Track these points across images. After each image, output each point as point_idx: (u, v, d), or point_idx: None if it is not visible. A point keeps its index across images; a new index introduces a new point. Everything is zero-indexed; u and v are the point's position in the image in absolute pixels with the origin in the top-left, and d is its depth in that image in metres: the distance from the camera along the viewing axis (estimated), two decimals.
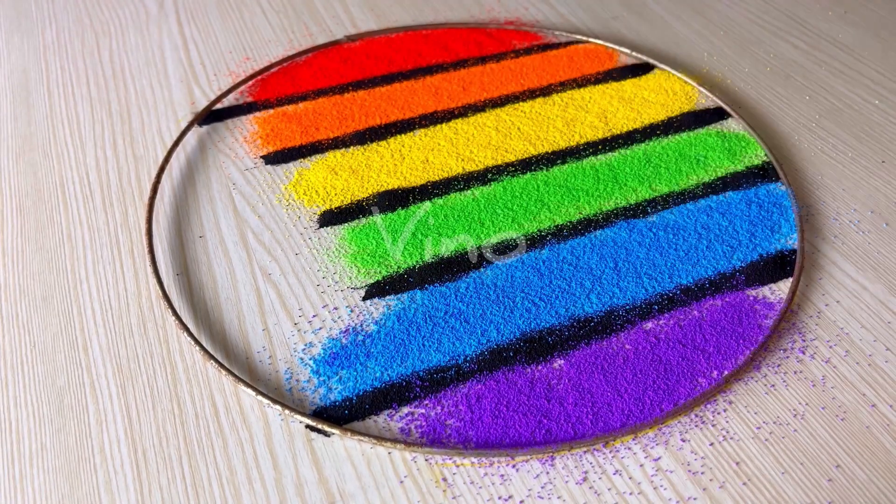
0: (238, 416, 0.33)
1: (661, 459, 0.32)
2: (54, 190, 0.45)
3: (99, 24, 0.59)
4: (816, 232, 0.40)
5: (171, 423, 0.33)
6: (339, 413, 0.33)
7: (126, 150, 0.47)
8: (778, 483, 0.31)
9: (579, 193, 0.43)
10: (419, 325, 0.37)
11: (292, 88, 0.52)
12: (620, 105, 0.49)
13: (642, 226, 0.41)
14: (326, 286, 0.39)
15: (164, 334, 0.37)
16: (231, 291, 0.39)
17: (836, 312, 0.37)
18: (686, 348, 0.35)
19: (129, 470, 0.32)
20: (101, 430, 0.33)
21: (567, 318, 0.37)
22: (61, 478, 0.32)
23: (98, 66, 0.54)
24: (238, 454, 0.32)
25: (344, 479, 0.31)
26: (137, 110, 0.50)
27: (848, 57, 0.53)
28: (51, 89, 0.52)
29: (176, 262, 0.40)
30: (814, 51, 0.54)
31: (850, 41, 0.55)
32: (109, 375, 0.35)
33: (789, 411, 0.33)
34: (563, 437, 0.32)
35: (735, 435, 0.32)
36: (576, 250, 0.40)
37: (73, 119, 0.50)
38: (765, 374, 0.34)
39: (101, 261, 0.41)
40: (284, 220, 0.42)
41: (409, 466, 0.32)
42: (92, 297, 0.39)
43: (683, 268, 0.39)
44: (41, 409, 0.34)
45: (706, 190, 0.43)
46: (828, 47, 0.54)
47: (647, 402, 0.33)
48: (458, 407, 0.33)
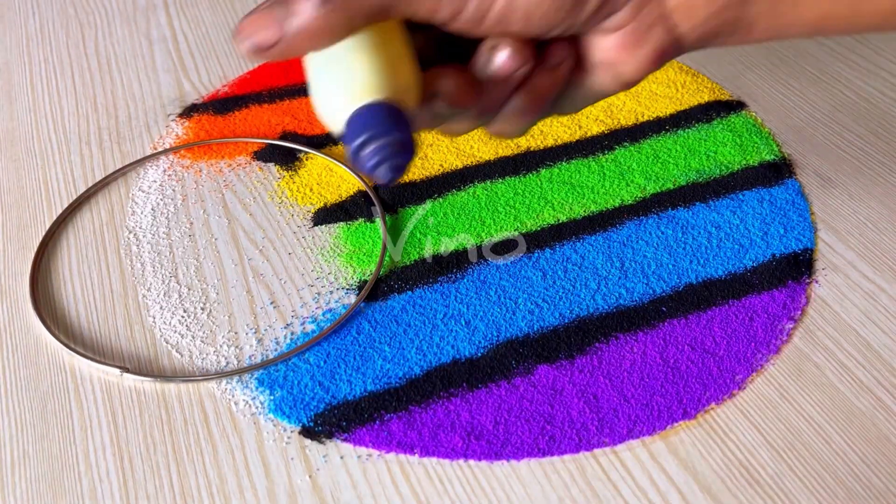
0: (228, 422, 0.33)
1: (669, 468, 0.31)
2: (38, 187, 0.44)
3: (84, 15, 0.58)
4: (831, 231, 0.40)
5: (159, 429, 0.33)
6: (334, 418, 0.33)
7: (112, 145, 0.47)
8: (792, 492, 0.30)
9: (584, 190, 0.42)
10: (418, 328, 0.36)
11: (285, 81, 0.51)
12: (627, 98, 0.48)
13: (650, 224, 0.40)
14: (321, 287, 0.38)
15: (151, 336, 0.36)
16: (222, 292, 0.38)
17: (852, 314, 0.36)
18: (695, 352, 0.34)
19: (114, 478, 0.31)
20: (85, 436, 0.33)
21: (571, 320, 0.36)
22: (44, 486, 0.31)
23: (83, 58, 0.54)
24: (228, 462, 0.32)
25: (339, 487, 0.31)
26: (124, 104, 0.50)
27: (865, 48, 0.52)
28: (34, 82, 0.52)
29: (164, 262, 0.40)
30: (828, 41, 0.53)
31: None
32: (94, 380, 0.35)
33: (803, 418, 0.32)
34: (568, 444, 0.31)
35: (747, 442, 0.32)
36: (580, 249, 0.39)
37: (58, 113, 0.49)
38: (778, 378, 0.34)
39: (85, 260, 0.40)
40: (277, 218, 0.42)
41: (406, 473, 0.31)
42: (77, 299, 0.38)
43: (693, 268, 0.38)
44: (23, 415, 0.33)
45: (716, 187, 0.42)
46: (843, 38, 0.53)
47: (654, 407, 0.32)
48: (457, 412, 0.33)
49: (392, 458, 0.32)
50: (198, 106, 0.49)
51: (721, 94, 0.48)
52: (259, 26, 0.26)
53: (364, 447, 0.32)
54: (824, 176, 0.43)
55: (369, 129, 0.29)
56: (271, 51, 0.26)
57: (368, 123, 0.28)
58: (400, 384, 0.34)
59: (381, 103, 0.29)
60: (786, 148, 0.45)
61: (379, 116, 0.29)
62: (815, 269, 0.38)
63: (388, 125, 0.29)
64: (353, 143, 0.29)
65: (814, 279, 0.37)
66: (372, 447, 0.32)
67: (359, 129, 0.29)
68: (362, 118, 0.29)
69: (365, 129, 0.29)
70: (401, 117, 0.29)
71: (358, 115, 0.29)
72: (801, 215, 0.40)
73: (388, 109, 0.29)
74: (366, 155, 0.29)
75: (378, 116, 0.29)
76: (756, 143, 0.45)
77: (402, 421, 0.33)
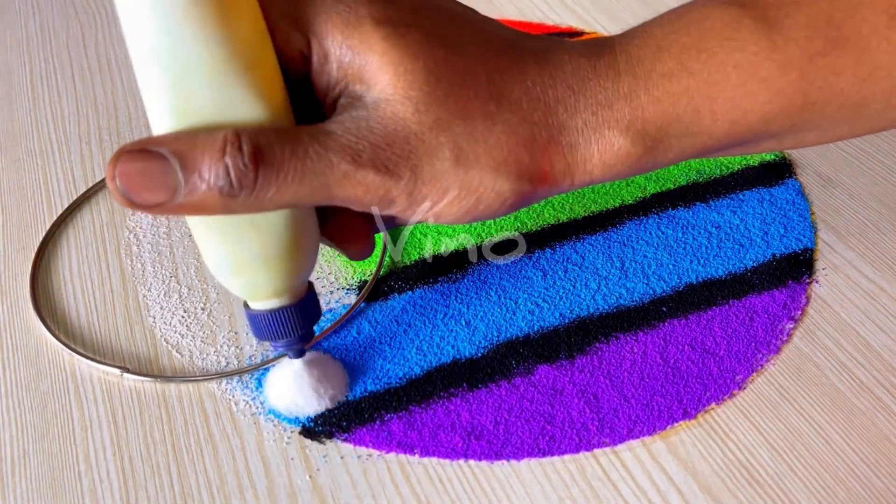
0: (229, 422, 0.33)
1: (669, 468, 0.31)
2: (38, 187, 0.44)
3: (85, 15, 0.58)
4: (831, 231, 0.40)
5: (160, 429, 0.33)
6: (334, 418, 0.33)
7: (112, 145, 0.47)
8: (792, 492, 0.30)
9: (584, 190, 0.42)
10: (418, 328, 0.36)
11: None
12: None
13: (650, 224, 0.40)
14: (321, 287, 0.38)
15: (151, 337, 0.36)
16: (222, 292, 0.38)
17: (852, 314, 0.36)
18: (696, 352, 0.34)
19: (115, 478, 0.31)
20: (86, 436, 0.33)
21: (572, 320, 0.36)
22: (45, 486, 0.31)
23: (84, 58, 0.54)
24: (229, 462, 0.31)
25: (339, 487, 0.31)
26: (124, 104, 0.50)
27: None
28: (34, 83, 0.52)
29: (164, 262, 0.40)
30: None
31: None
32: (95, 380, 0.34)
33: (803, 418, 0.32)
34: (568, 444, 0.31)
35: (747, 442, 0.31)
36: (580, 249, 0.39)
37: (58, 113, 0.49)
38: (778, 378, 0.34)
39: (85, 260, 0.40)
40: None
41: (406, 473, 0.31)
42: (77, 299, 0.38)
43: (693, 268, 0.38)
44: (23, 415, 0.33)
45: (717, 187, 0.42)
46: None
47: (655, 407, 0.32)
48: (458, 412, 0.33)
49: (392, 458, 0.31)
50: None
51: None
52: (144, 185, 0.23)
53: (364, 447, 0.32)
54: (824, 176, 0.43)
55: (272, 331, 0.28)
56: (148, 209, 0.23)
57: (270, 326, 0.28)
58: (400, 384, 0.34)
59: (285, 307, 0.28)
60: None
61: (283, 319, 0.28)
62: (815, 269, 0.38)
63: (292, 327, 0.28)
64: (256, 334, 0.29)
65: (814, 279, 0.37)
66: (372, 447, 0.32)
67: (261, 328, 0.28)
68: (264, 319, 0.28)
69: (268, 331, 0.28)
70: (305, 309, 0.28)
71: (258, 316, 0.28)
72: (801, 215, 0.40)
73: (292, 311, 0.28)
74: (270, 345, 0.30)
75: (282, 320, 0.28)
76: None
77: (402, 421, 0.32)
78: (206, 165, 0.22)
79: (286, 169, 0.23)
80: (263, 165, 0.23)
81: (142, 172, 0.23)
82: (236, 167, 0.22)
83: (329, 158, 0.23)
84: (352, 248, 0.30)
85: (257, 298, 0.28)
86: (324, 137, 0.24)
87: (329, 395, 0.32)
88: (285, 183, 0.23)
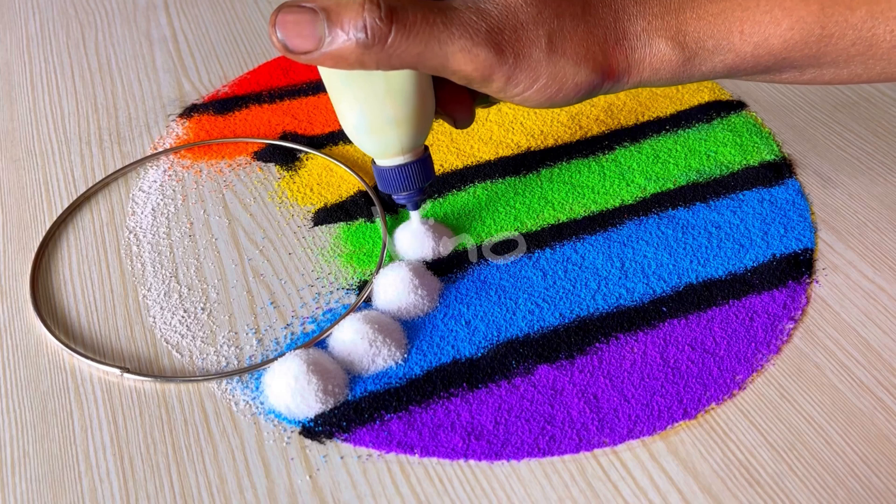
0: (228, 422, 0.33)
1: (669, 468, 0.31)
2: (38, 187, 0.44)
3: (84, 15, 0.58)
4: (831, 231, 0.40)
5: (159, 429, 0.33)
6: (334, 418, 0.33)
7: (112, 145, 0.47)
8: (792, 492, 0.30)
9: (584, 190, 0.42)
10: (418, 328, 0.36)
11: (286, 81, 0.51)
12: (627, 98, 0.48)
13: (650, 224, 0.40)
14: (321, 287, 0.38)
15: (151, 337, 0.36)
16: (222, 293, 0.38)
17: (852, 314, 0.36)
18: (696, 352, 0.34)
19: (115, 478, 0.31)
20: (85, 436, 0.32)
21: (572, 320, 0.36)
22: (45, 486, 0.31)
23: (83, 58, 0.54)
24: (229, 462, 0.31)
25: (339, 487, 0.31)
26: (124, 104, 0.50)
27: None
28: (34, 83, 0.52)
29: (165, 262, 0.40)
30: None
31: None
32: (95, 380, 0.34)
33: (803, 418, 0.32)
34: (568, 444, 0.31)
35: (747, 442, 0.31)
36: (580, 249, 0.39)
37: (58, 113, 0.49)
38: (778, 378, 0.33)
39: (85, 261, 0.40)
40: (277, 218, 0.42)
41: (406, 473, 0.31)
42: (77, 299, 0.38)
43: (693, 268, 0.38)
44: (23, 415, 0.33)
45: (717, 187, 0.42)
46: None
47: (655, 407, 0.32)
48: (458, 412, 0.33)
49: (392, 458, 0.31)
50: (198, 106, 0.49)
51: (721, 93, 0.48)
52: (297, 32, 0.27)
53: (364, 447, 0.32)
54: (824, 176, 0.43)
55: (399, 184, 0.34)
56: (299, 56, 0.28)
57: (398, 179, 0.34)
58: (400, 384, 0.34)
59: (411, 163, 0.33)
60: (786, 148, 0.44)
61: (409, 174, 0.34)
62: (815, 269, 0.38)
63: (415, 181, 0.34)
64: (383, 187, 0.35)
65: (814, 279, 0.37)
66: (372, 447, 0.32)
67: (389, 181, 0.34)
68: (393, 173, 0.34)
69: (395, 183, 0.34)
70: (425, 165, 0.34)
71: (388, 170, 0.34)
72: (801, 215, 0.40)
73: (416, 167, 0.34)
74: (395, 196, 0.35)
75: (408, 174, 0.34)
76: (756, 143, 0.45)
77: (402, 421, 0.32)
78: (347, 19, 0.27)
79: (415, 31, 0.27)
80: (397, 23, 0.27)
81: (296, 22, 0.27)
82: (373, 22, 0.27)
83: (452, 31, 0.28)
84: (459, 115, 0.34)
85: (386, 155, 0.33)
86: (450, 12, 0.28)
87: (329, 395, 0.32)
88: (413, 43, 0.27)
